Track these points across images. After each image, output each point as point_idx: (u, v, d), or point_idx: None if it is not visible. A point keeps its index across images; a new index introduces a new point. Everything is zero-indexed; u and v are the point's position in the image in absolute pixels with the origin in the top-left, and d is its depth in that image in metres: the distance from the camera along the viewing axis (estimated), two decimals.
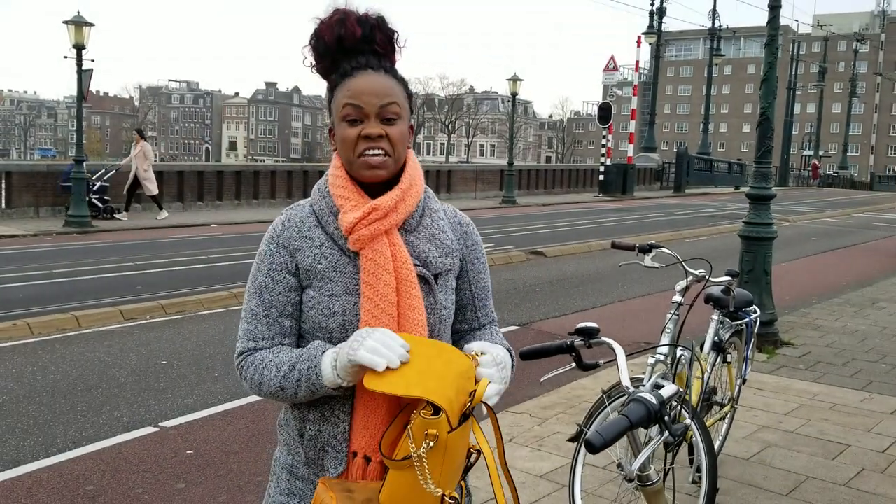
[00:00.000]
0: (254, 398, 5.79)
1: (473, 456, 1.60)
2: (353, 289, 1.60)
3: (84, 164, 16.71)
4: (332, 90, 1.66)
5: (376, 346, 1.46)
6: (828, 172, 55.46)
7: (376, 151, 1.59)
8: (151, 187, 17.85)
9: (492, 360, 1.58)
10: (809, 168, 53.04)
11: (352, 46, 1.62)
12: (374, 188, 1.63)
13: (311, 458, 1.65)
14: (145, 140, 18.14)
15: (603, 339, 2.51)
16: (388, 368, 1.46)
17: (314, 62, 1.66)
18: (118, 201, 17.92)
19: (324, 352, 1.55)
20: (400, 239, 1.63)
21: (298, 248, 1.62)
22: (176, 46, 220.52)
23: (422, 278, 1.63)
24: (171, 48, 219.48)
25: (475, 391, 1.52)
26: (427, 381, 1.46)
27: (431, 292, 1.64)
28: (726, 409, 4.35)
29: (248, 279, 1.67)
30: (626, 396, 2.48)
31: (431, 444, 1.43)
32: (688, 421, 2.81)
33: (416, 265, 1.62)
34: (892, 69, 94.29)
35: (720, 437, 4.47)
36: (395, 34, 1.66)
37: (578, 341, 2.49)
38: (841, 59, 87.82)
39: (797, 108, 60.71)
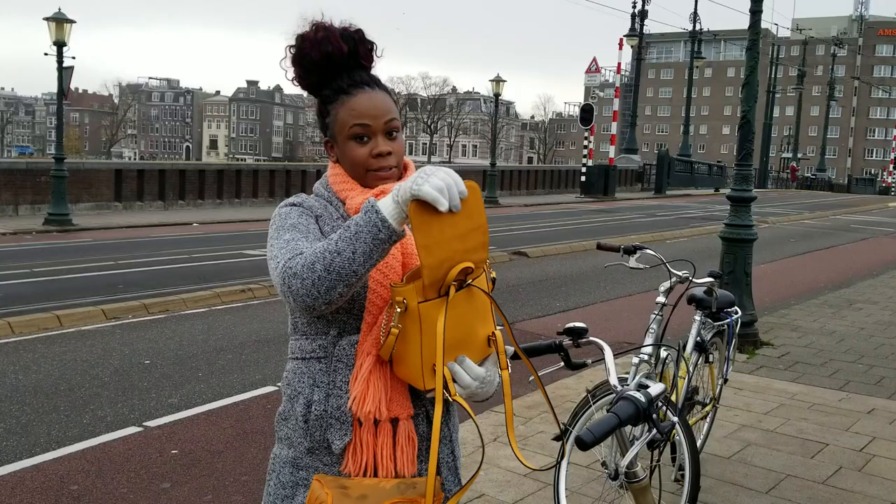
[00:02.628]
0: (238, 398, 5.80)
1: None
2: None
3: (64, 161, 16.58)
4: (324, 104, 1.75)
5: (441, 186, 1.47)
6: (806, 175, 56.06)
7: (387, 166, 1.72)
8: None
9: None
10: (788, 170, 53.61)
11: (338, 62, 1.71)
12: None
13: (317, 440, 1.68)
14: None
15: (591, 338, 2.55)
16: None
17: (297, 76, 1.75)
18: None
19: (374, 200, 1.53)
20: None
21: (320, 216, 1.73)
22: (156, 43, 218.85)
23: None
24: (152, 45, 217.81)
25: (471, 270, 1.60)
26: (439, 252, 1.51)
27: None
28: (708, 408, 4.41)
29: (272, 235, 1.66)
30: (612, 395, 2.52)
31: (399, 309, 1.54)
32: (674, 419, 2.86)
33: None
34: (869, 73, 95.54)
35: (702, 436, 4.53)
36: (375, 46, 1.76)
37: (567, 341, 2.53)
38: (819, 62, 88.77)
39: (776, 111, 61.41)
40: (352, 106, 1.70)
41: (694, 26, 39.44)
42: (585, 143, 32.08)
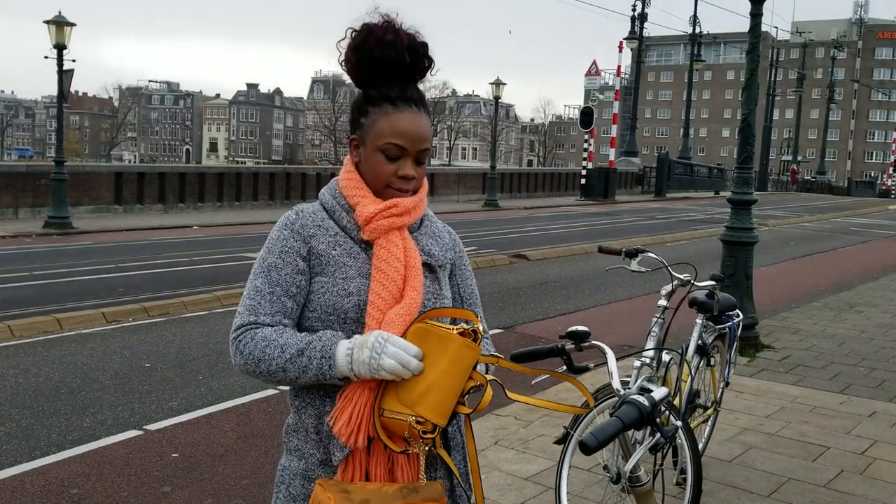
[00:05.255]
0: (239, 401, 5.79)
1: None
2: (366, 273, 1.68)
3: (64, 164, 16.58)
4: (366, 102, 1.72)
5: (395, 366, 1.53)
6: (806, 178, 56.07)
7: (406, 188, 1.72)
8: None
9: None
10: (788, 173, 53.63)
11: (395, 69, 1.69)
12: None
13: (329, 452, 1.67)
14: None
15: (594, 342, 2.55)
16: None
17: (350, 63, 1.71)
18: None
19: (338, 342, 1.59)
20: (409, 235, 1.74)
21: (313, 235, 1.71)
22: (157, 46, 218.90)
23: (428, 266, 1.74)
24: (152, 48, 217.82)
25: (472, 390, 1.61)
26: (431, 395, 1.55)
27: (437, 280, 1.76)
28: (709, 411, 4.41)
29: (256, 262, 1.72)
30: (614, 399, 2.52)
31: (426, 447, 1.58)
32: (678, 423, 2.85)
33: (422, 255, 1.74)
34: (868, 76, 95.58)
35: (703, 440, 4.52)
36: (433, 64, 1.74)
37: (569, 344, 2.52)
38: (819, 65, 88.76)
39: (776, 114, 61.38)
40: (394, 122, 1.68)
41: (694, 29, 39.50)
42: (585, 145, 32.11)
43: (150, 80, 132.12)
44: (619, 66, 34.70)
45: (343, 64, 1.72)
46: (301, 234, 1.70)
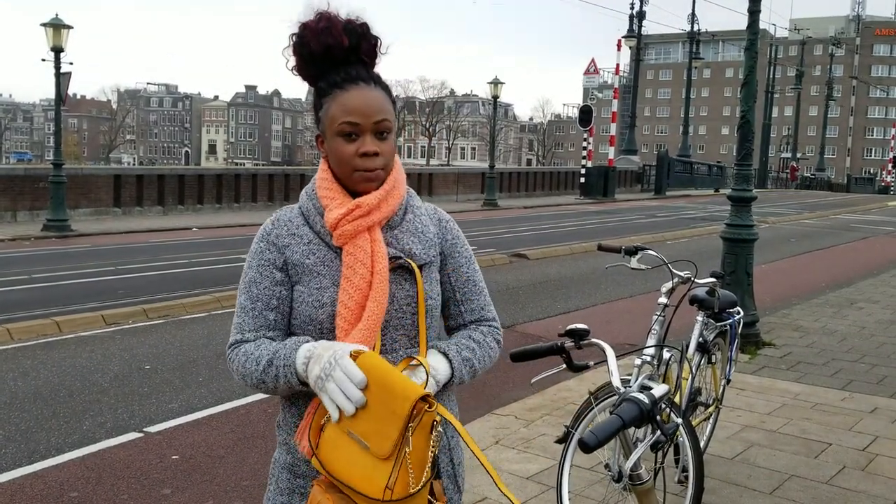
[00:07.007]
0: (239, 402, 5.78)
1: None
2: (339, 281, 1.65)
3: (62, 167, 16.57)
4: (319, 97, 1.69)
5: (335, 391, 1.49)
6: (805, 175, 56.05)
7: (373, 167, 1.65)
8: None
9: (433, 384, 1.61)
10: (787, 170, 53.64)
11: (339, 56, 1.65)
12: (360, 191, 1.69)
13: None
14: None
15: (593, 340, 2.53)
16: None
17: (297, 66, 1.69)
18: None
19: (297, 350, 1.58)
20: (380, 236, 1.68)
21: (287, 245, 1.69)
22: (155, 49, 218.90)
23: (406, 269, 1.68)
24: (150, 50, 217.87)
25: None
26: (374, 469, 1.47)
27: (416, 282, 1.68)
28: (711, 409, 4.39)
29: (241, 277, 1.73)
30: (615, 397, 2.50)
31: (437, 423, 1.47)
32: (678, 420, 2.83)
33: (401, 256, 1.68)
34: (867, 73, 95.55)
35: (705, 437, 4.50)
36: (379, 41, 1.69)
37: (569, 343, 2.50)
38: (817, 62, 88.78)
39: (775, 111, 61.41)
40: (343, 102, 1.63)
41: (692, 27, 39.49)
42: (584, 144, 32.09)
43: (148, 83, 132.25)
44: (617, 65, 34.68)
45: (293, 71, 1.70)
46: (276, 244, 1.69)
